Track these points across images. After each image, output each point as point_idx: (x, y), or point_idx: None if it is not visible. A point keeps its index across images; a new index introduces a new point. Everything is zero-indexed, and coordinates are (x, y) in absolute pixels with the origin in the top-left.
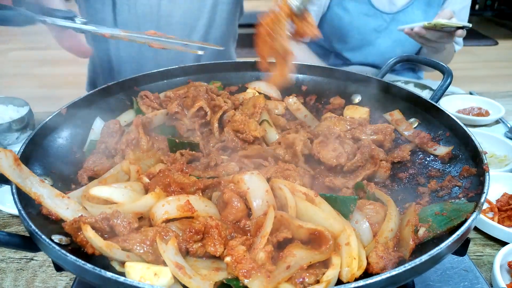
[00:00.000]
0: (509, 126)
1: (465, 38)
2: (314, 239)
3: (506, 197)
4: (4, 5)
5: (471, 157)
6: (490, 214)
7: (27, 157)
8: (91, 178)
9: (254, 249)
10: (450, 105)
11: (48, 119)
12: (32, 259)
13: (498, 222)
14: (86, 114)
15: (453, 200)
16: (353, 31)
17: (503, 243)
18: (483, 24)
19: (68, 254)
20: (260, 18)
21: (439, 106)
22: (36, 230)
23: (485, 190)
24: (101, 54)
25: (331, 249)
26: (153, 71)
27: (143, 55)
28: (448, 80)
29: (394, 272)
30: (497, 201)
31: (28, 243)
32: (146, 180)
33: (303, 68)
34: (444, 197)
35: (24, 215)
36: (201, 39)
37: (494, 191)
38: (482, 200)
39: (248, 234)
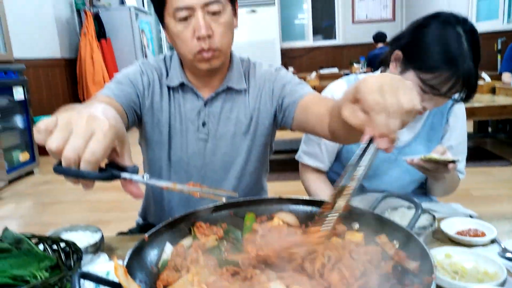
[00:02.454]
0: (502, 246)
1: (480, 159)
2: None
3: None
4: (104, 169)
5: (430, 269)
6: None
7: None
8: (165, 286)
9: None
10: (451, 227)
11: (136, 245)
12: None
13: None
14: (159, 240)
15: None
16: None
17: None
18: (497, 145)
19: None
20: None
21: (411, 232)
22: None
23: None
24: (154, 187)
25: None
26: (204, 207)
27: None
28: (419, 211)
29: None
30: None
31: None
32: (205, 287)
33: (315, 203)
34: None
35: None
36: (239, 174)
37: None
38: None
39: None
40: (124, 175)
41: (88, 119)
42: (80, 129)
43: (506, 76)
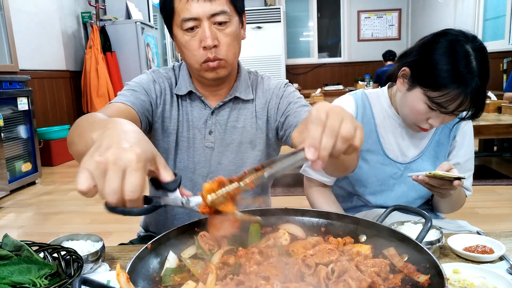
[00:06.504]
0: (511, 263)
1: (485, 178)
2: None
3: None
4: (148, 198)
5: (440, 283)
6: None
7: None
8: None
9: None
10: (458, 243)
11: (139, 252)
12: None
13: None
14: (162, 248)
15: None
16: (372, 178)
17: None
18: (503, 164)
19: None
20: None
21: (421, 245)
22: None
23: None
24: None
25: None
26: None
27: (195, 194)
28: (428, 225)
29: None
30: None
31: None
32: None
33: (322, 214)
34: None
35: None
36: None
37: None
38: None
39: None
40: (165, 202)
41: (115, 159)
42: (111, 173)
43: (508, 96)
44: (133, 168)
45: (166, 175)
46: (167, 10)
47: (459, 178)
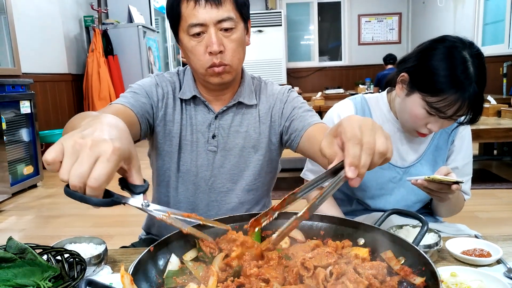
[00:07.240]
0: (508, 266)
1: (485, 182)
2: None
3: None
4: (109, 192)
5: (435, 285)
6: None
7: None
8: None
9: None
10: (456, 246)
11: (142, 255)
12: None
13: None
14: (164, 251)
15: None
16: (371, 182)
17: None
18: (503, 168)
19: None
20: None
21: (417, 248)
22: None
23: None
24: (162, 196)
25: None
26: (209, 221)
27: (197, 197)
28: (425, 228)
29: None
30: None
31: None
32: None
33: (321, 218)
34: None
35: None
36: (247, 187)
37: None
38: None
39: None
40: (125, 200)
41: (92, 145)
42: (84, 155)
43: None
44: (106, 158)
45: (136, 179)
46: (174, 15)
47: (457, 182)
